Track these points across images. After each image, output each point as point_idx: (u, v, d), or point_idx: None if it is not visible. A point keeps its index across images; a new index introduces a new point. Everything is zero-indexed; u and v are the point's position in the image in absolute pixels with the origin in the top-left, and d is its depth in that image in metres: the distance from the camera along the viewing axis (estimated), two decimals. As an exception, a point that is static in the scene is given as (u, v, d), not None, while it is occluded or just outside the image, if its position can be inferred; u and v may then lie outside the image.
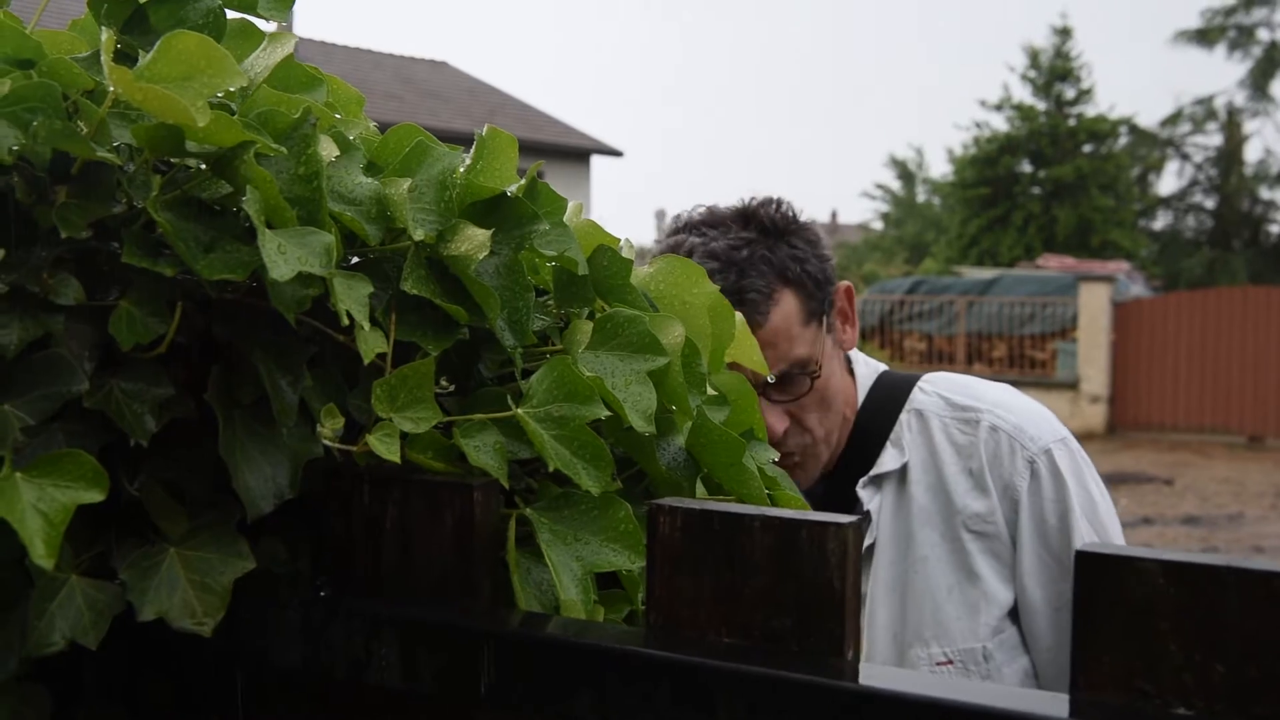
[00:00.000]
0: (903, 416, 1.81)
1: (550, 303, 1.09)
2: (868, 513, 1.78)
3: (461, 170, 1.00)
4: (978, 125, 32.43)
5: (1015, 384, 1.91)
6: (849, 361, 1.89)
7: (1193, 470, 15.17)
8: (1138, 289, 20.71)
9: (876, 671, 0.78)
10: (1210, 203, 32.31)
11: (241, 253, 0.86)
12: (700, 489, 1.08)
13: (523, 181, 1.03)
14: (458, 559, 0.91)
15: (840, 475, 1.83)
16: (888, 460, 1.79)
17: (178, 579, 0.86)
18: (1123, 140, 31.59)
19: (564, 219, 1.07)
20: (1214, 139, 32.03)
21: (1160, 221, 32.96)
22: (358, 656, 0.89)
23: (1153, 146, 31.97)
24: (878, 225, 48.19)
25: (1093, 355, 18.62)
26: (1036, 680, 1.70)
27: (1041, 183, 30.42)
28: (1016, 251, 28.82)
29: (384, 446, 0.89)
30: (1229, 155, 31.59)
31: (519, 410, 0.94)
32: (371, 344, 0.91)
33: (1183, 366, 18.45)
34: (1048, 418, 1.79)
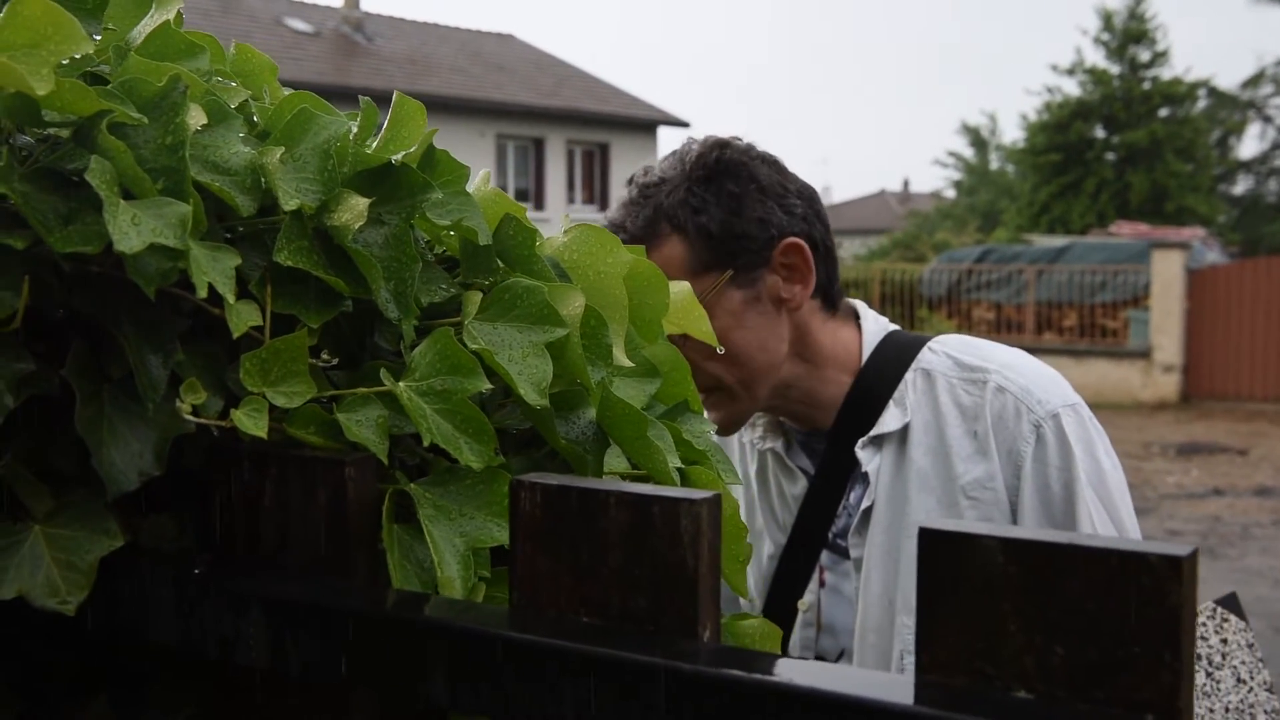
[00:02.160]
0: (908, 376, 1.73)
1: (458, 274, 1.07)
2: (865, 474, 1.72)
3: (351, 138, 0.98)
4: (1049, 90, 31.84)
5: (1086, 353, 1.83)
6: (856, 318, 1.82)
7: (1269, 441, 14.81)
8: (1214, 256, 20.22)
9: (731, 654, 0.74)
10: (1293, 166, 31.47)
11: (99, 225, 0.84)
12: (624, 463, 1.06)
13: (414, 148, 1.00)
14: (332, 537, 0.89)
15: (842, 435, 1.76)
16: (889, 420, 1.71)
17: (41, 557, 0.85)
18: (1201, 104, 30.84)
19: (467, 188, 1.04)
20: (1297, 100, 31.16)
21: (1240, 186, 32.19)
22: (227, 635, 0.87)
23: (1233, 109, 31.19)
24: (950, 194, 47.58)
25: (1166, 324, 18.22)
26: None
27: (1115, 148, 29.79)
28: (1089, 218, 28.28)
29: (251, 422, 0.87)
30: (1312, 117, 30.72)
31: (398, 384, 0.91)
32: (243, 317, 0.88)
33: (1260, 334, 18.00)
34: (1059, 382, 1.70)
